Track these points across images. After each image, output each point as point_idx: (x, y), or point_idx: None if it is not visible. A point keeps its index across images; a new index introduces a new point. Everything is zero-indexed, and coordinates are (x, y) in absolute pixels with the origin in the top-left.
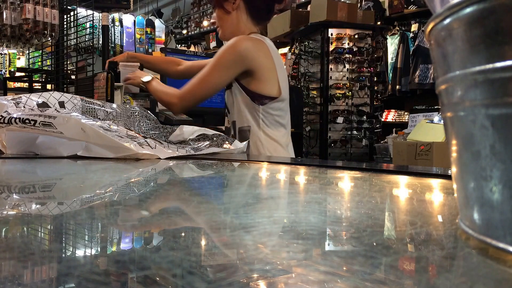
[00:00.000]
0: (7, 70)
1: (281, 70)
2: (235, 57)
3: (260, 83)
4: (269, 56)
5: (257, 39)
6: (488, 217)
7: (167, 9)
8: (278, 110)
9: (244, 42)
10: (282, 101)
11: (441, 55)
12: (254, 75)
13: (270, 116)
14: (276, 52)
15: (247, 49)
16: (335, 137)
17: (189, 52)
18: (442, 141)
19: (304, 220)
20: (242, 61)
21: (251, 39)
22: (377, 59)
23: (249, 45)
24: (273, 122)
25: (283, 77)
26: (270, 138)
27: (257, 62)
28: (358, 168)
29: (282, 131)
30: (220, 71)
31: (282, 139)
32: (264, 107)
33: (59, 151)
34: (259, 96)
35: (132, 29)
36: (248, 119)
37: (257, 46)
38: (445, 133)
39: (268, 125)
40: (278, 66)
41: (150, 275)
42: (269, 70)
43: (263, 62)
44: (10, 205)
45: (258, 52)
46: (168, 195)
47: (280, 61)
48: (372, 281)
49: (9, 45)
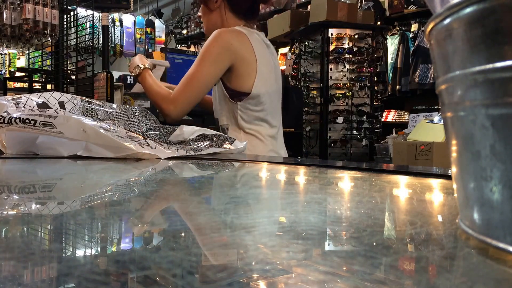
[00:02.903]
0: (7, 70)
1: (264, 64)
2: (219, 49)
3: (239, 78)
4: (250, 49)
5: (237, 31)
6: (488, 217)
7: (167, 9)
8: (258, 105)
9: (225, 34)
10: (256, 98)
11: (441, 55)
12: (235, 70)
13: (249, 112)
14: (260, 45)
15: (229, 41)
16: (335, 137)
17: (189, 52)
18: (442, 141)
19: (304, 220)
20: (226, 53)
21: (232, 31)
22: (377, 59)
23: (230, 37)
24: (253, 117)
25: (265, 71)
26: (249, 134)
27: (239, 54)
28: (358, 168)
29: (263, 125)
30: (207, 66)
31: (262, 133)
32: (243, 103)
33: (59, 151)
34: (237, 93)
35: (132, 29)
36: (227, 117)
37: (237, 38)
38: (445, 133)
39: (247, 121)
40: (261, 59)
41: (150, 275)
42: (249, 64)
43: (244, 55)
44: (10, 205)
45: (240, 45)
46: (168, 195)
47: (264, 54)
48: (372, 281)
49: (9, 45)
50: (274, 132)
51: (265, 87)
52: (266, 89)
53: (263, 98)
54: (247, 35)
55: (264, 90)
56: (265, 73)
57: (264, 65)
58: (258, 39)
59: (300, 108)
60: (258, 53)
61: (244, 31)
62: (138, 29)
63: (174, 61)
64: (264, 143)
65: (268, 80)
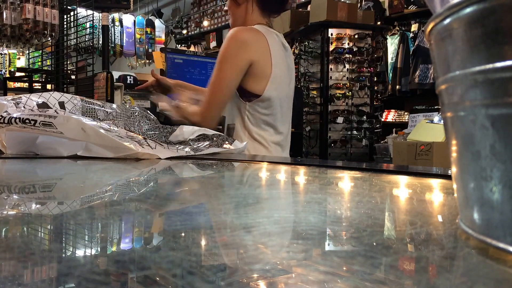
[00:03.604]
0: (7, 70)
1: (280, 67)
2: (236, 49)
3: (252, 78)
4: (267, 50)
5: (255, 30)
6: (488, 217)
7: (167, 9)
8: (267, 108)
9: (242, 33)
10: (266, 101)
11: (441, 55)
12: (250, 70)
13: (257, 114)
14: (277, 47)
15: (245, 40)
16: (335, 137)
17: (189, 52)
18: (442, 141)
19: (304, 220)
20: (245, 52)
21: (249, 29)
22: (377, 59)
23: (247, 35)
24: (260, 121)
25: (279, 74)
26: (253, 138)
27: (256, 53)
28: (358, 168)
29: (269, 130)
30: (227, 69)
31: (267, 139)
32: (251, 104)
33: (59, 151)
34: (248, 93)
35: (132, 29)
36: (234, 116)
37: (255, 37)
38: (445, 133)
39: (253, 124)
40: (276, 62)
41: (150, 275)
42: (264, 65)
43: (260, 55)
44: (10, 205)
45: (257, 44)
46: (169, 195)
47: (280, 57)
48: (372, 281)
49: (9, 45)
50: (280, 139)
51: (277, 91)
52: (277, 93)
53: (273, 102)
54: (265, 35)
55: (276, 94)
56: (279, 77)
57: (279, 68)
58: (276, 40)
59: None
60: (275, 55)
61: (262, 31)
62: (138, 29)
63: (174, 61)
64: (268, 150)
65: (281, 84)
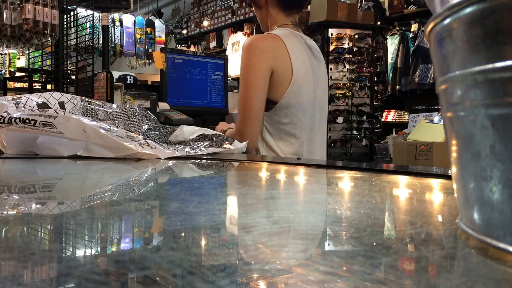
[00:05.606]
0: (7, 70)
1: (301, 72)
2: (255, 56)
3: (271, 86)
4: (285, 55)
5: (271, 36)
6: (488, 217)
7: (167, 9)
8: (285, 117)
9: (258, 41)
10: (284, 109)
11: (441, 55)
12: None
13: (276, 124)
14: (299, 51)
15: (262, 48)
16: (335, 137)
17: (189, 52)
18: (442, 141)
19: (304, 220)
20: (264, 60)
21: (265, 36)
22: (377, 59)
23: (264, 43)
24: (279, 131)
25: (300, 80)
26: (270, 149)
27: (274, 60)
28: (358, 168)
29: (290, 141)
30: (252, 73)
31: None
32: (269, 114)
33: (59, 151)
34: (266, 100)
35: (132, 29)
36: None
37: (272, 44)
38: (445, 133)
39: (272, 135)
40: (297, 67)
41: (150, 275)
42: (284, 71)
43: (278, 62)
44: (10, 205)
45: (274, 50)
46: (168, 195)
47: (303, 61)
48: (372, 281)
49: (9, 45)
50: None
51: (297, 98)
52: (297, 100)
53: (292, 110)
54: (283, 39)
55: (295, 101)
56: (299, 82)
57: (301, 73)
58: (298, 43)
59: None
60: (295, 59)
61: (280, 35)
62: (138, 29)
63: (174, 61)
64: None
65: (302, 90)
